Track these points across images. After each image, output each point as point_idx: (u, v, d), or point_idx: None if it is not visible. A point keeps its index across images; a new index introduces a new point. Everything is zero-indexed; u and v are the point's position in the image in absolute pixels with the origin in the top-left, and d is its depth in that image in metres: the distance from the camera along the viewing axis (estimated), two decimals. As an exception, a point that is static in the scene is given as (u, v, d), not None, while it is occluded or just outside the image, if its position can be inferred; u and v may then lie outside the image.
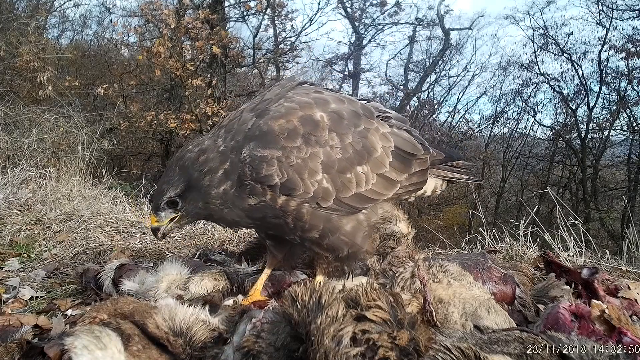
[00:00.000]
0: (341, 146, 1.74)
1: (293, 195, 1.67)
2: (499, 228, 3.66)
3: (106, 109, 11.33)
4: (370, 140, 1.83)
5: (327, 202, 1.72)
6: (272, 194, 1.67)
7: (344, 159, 1.74)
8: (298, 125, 1.70)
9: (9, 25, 10.52)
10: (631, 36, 16.96)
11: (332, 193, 1.72)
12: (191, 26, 10.77)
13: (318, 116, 1.74)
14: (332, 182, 1.72)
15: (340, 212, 1.78)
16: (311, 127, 1.71)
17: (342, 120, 1.78)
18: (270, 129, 1.68)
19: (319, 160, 1.69)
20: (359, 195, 1.80)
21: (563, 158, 19.70)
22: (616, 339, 1.43)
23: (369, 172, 1.81)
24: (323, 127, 1.73)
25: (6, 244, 3.34)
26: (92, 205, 4.75)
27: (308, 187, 1.67)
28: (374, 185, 1.83)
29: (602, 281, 2.01)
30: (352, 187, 1.76)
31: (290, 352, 1.30)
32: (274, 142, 1.66)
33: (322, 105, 1.79)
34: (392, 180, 1.90)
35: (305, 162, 1.67)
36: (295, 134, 1.68)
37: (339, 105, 1.83)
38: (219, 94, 12.04)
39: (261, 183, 1.65)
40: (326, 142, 1.72)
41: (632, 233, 3.37)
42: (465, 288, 1.78)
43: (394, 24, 20.27)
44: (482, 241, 3.55)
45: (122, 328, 1.45)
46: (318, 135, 1.71)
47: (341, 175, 1.74)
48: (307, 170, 1.67)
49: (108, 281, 2.34)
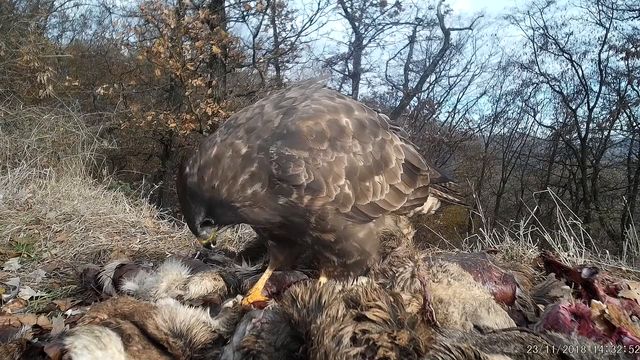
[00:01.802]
0: (363, 154, 1.76)
1: (317, 197, 1.67)
2: (499, 228, 3.65)
3: (106, 109, 11.33)
4: (387, 151, 1.86)
5: (346, 208, 1.73)
6: (297, 194, 1.65)
7: (365, 167, 1.76)
8: (326, 128, 1.69)
9: (9, 25, 10.51)
10: (631, 36, 16.99)
11: (351, 199, 1.73)
12: (191, 26, 10.77)
13: (344, 122, 1.75)
14: (353, 189, 1.73)
15: (354, 220, 1.80)
16: (337, 132, 1.71)
17: (364, 129, 1.80)
18: (298, 129, 1.66)
19: (344, 165, 1.70)
20: (374, 204, 1.82)
21: (563, 158, 19.70)
22: (616, 339, 1.43)
23: (384, 182, 1.83)
24: (348, 133, 1.74)
25: (6, 244, 3.34)
26: (92, 205, 4.75)
27: (331, 191, 1.68)
28: (387, 195, 1.85)
29: (602, 281, 2.01)
30: (369, 196, 1.78)
31: (290, 352, 1.30)
32: (301, 142, 1.64)
33: (348, 111, 1.80)
34: (401, 193, 1.92)
35: (330, 166, 1.67)
36: (323, 137, 1.68)
37: (362, 114, 1.84)
38: (219, 94, 12.04)
39: (288, 182, 1.63)
40: (350, 149, 1.72)
41: (632, 233, 3.37)
42: (465, 288, 1.78)
43: (394, 24, 20.27)
44: (482, 241, 3.55)
45: (122, 328, 1.45)
46: (343, 141, 1.71)
47: (361, 183, 1.76)
48: (332, 175, 1.68)
49: (108, 281, 2.33)
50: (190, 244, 3.76)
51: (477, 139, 22.74)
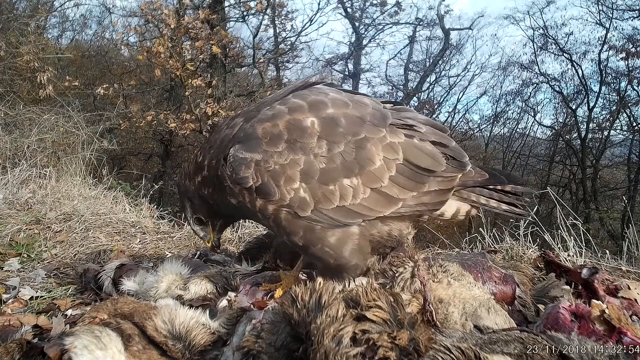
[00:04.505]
0: (328, 155, 1.63)
1: (268, 199, 1.64)
2: (499, 228, 3.66)
3: (106, 109, 11.31)
4: (369, 150, 1.67)
5: (305, 211, 1.64)
6: (249, 197, 1.66)
7: (329, 169, 1.63)
8: (283, 130, 1.64)
9: (9, 25, 10.52)
10: (631, 36, 16.98)
11: (309, 203, 1.64)
12: (191, 26, 10.77)
13: (308, 122, 1.65)
14: (311, 192, 1.63)
15: (322, 224, 1.68)
16: (298, 133, 1.64)
17: (336, 128, 1.66)
18: (254, 132, 1.66)
19: (298, 168, 1.62)
20: (345, 209, 1.67)
21: (563, 158, 19.68)
22: (616, 339, 1.43)
23: (358, 186, 1.66)
24: (311, 133, 1.63)
25: (6, 244, 3.34)
26: (92, 205, 4.75)
27: (284, 194, 1.61)
28: (365, 200, 1.68)
29: (602, 281, 2.01)
30: (334, 200, 1.65)
31: (290, 352, 1.30)
32: (256, 145, 1.62)
33: (317, 110, 1.68)
34: (391, 198, 1.71)
35: (283, 168, 1.61)
36: (279, 139, 1.63)
37: (339, 110, 1.70)
38: (219, 94, 12.04)
39: (239, 185, 1.64)
40: (311, 150, 1.62)
41: (632, 233, 3.37)
42: (465, 288, 1.78)
43: (394, 24, 20.31)
44: (482, 241, 3.55)
45: (122, 328, 1.45)
46: (304, 142, 1.62)
47: (322, 186, 1.64)
48: (284, 177, 1.61)
49: (108, 281, 2.34)
50: (190, 244, 3.76)
51: (477, 139, 22.73)
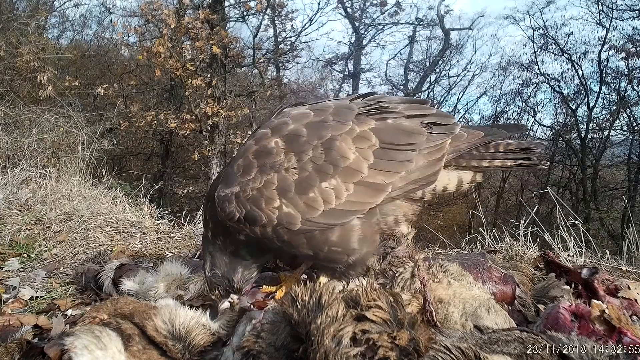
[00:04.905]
0: (298, 166, 1.65)
1: (259, 225, 1.66)
2: (499, 228, 3.65)
3: (106, 109, 11.32)
4: (339, 148, 1.67)
5: (295, 225, 1.66)
6: (244, 228, 1.70)
7: (302, 178, 1.65)
8: (253, 159, 1.70)
9: (9, 25, 10.52)
10: (631, 36, 17.01)
11: (296, 216, 1.65)
12: (191, 26, 10.78)
13: (273, 143, 1.70)
14: (293, 206, 1.65)
15: (320, 231, 1.70)
16: (265, 156, 1.68)
17: (298, 139, 1.69)
18: (230, 170, 1.75)
19: (274, 186, 1.65)
20: (333, 210, 1.67)
21: (563, 158, 19.70)
22: (616, 339, 1.43)
23: (339, 185, 1.67)
24: (278, 152, 1.68)
25: (6, 244, 3.34)
26: (92, 205, 4.75)
27: (269, 215, 1.64)
28: (352, 196, 1.68)
29: (602, 281, 2.01)
30: (318, 206, 1.66)
31: (290, 352, 1.30)
32: (233, 180, 1.69)
33: (279, 130, 1.73)
34: (379, 185, 1.70)
35: (260, 192, 1.64)
36: (250, 168, 1.68)
37: (299, 123, 1.74)
38: (219, 94, 12.04)
39: (229, 220, 1.69)
40: (281, 166, 1.66)
41: (632, 233, 3.37)
42: (465, 288, 1.78)
43: (394, 24, 20.34)
44: (482, 241, 3.55)
45: (122, 328, 1.46)
46: (273, 162, 1.67)
47: (302, 196, 1.65)
48: (264, 199, 1.64)
49: (108, 281, 2.34)
50: (190, 244, 3.76)
51: (477, 139, 22.71)
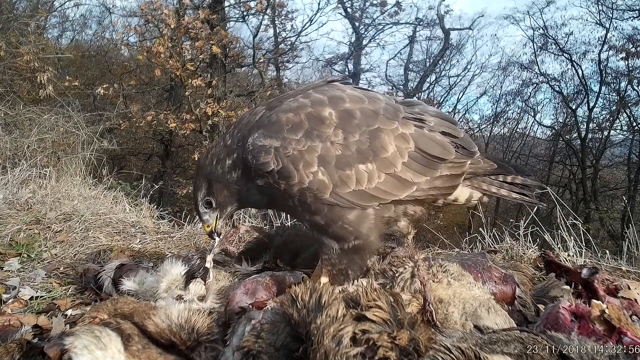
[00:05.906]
0: (344, 143, 1.79)
1: (289, 182, 1.77)
2: (499, 228, 3.65)
3: (106, 109, 11.32)
4: (382, 140, 1.85)
5: (324, 194, 1.78)
6: (272, 179, 1.79)
7: (344, 155, 1.79)
8: (304, 119, 1.79)
9: (9, 25, 10.52)
10: (631, 36, 16.98)
11: (328, 186, 1.78)
12: (191, 26, 10.77)
13: (327, 113, 1.82)
14: (329, 175, 1.78)
15: (341, 207, 1.83)
16: (316, 123, 1.79)
17: (351, 119, 1.83)
18: (277, 120, 1.81)
19: (316, 154, 1.76)
20: (361, 192, 1.82)
21: (563, 158, 19.68)
22: (616, 339, 1.43)
23: (373, 171, 1.83)
24: (329, 124, 1.80)
25: (6, 244, 3.34)
26: (92, 205, 4.74)
27: (303, 177, 1.75)
28: (381, 184, 1.84)
29: (602, 281, 2.01)
30: (350, 184, 1.80)
31: (290, 352, 1.30)
32: (276, 132, 1.78)
33: (335, 103, 1.86)
34: (406, 182, 1.88)
35: (301, 154, 1.75)
36: (299, 128, 1.78)
37: (355, 105, 1.88)
38: (219, 94, 12.04)
39: (260, 170, 1.78)
40: (327, 138, 1.78)
41: (632, 233, 3.37)
42: (465, 288, 1.78)
43: (394, 24, 20.33)
44: (482, 241, 3.55)
45: (122, 328, 1.46)
46: (321, 131, 1.78)
47: (339, 171, 1.79)
48: (302, 162, 1.75)
49: (108, 281, 2.33)
50: (190, 244, 3.76)
51: (477, 139, 22.67)
